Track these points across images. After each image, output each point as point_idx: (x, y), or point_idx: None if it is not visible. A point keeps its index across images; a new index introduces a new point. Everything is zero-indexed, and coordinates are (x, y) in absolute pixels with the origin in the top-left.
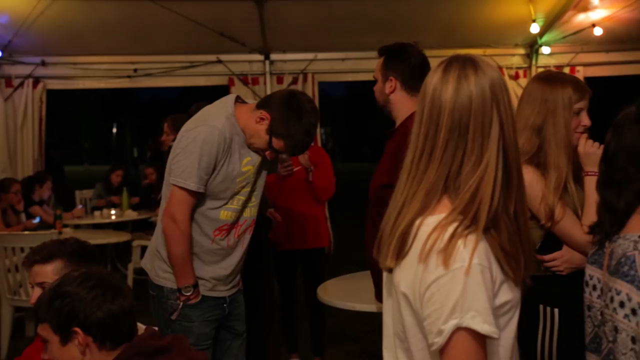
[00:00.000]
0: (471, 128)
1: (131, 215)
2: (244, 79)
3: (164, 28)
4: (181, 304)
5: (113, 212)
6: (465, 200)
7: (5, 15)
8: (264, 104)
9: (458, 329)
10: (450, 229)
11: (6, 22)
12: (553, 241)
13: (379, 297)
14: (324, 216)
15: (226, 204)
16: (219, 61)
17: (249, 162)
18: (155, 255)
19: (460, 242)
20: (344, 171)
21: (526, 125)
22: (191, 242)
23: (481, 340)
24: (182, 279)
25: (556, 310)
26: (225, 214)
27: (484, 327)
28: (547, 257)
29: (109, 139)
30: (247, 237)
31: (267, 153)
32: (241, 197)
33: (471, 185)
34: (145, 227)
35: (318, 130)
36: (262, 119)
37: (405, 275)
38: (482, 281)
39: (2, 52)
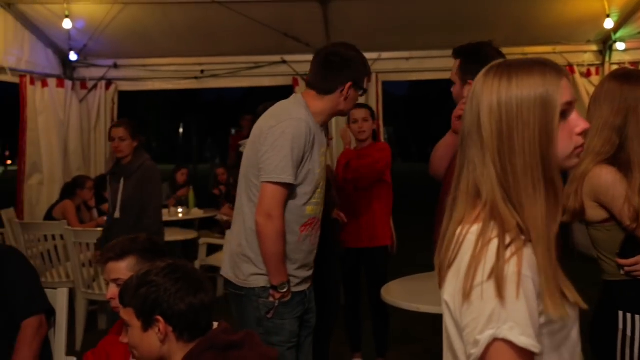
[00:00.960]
0: (504, 135)
1: (197, 213)
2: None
3: (230, 30)
4: (277, 302)
5: (180, 210)
6: (508, 209)
7: (81, 20)
8: (321, 83)
9: (495, 340)
10: (494, 239)
11: (82, 27)
12: (634, 244)
13: None
14: (387, 215)
15: (311, 198)
16: (284, 61)
17: (323, 152)
18: (241, 261)
19: (502, 251)
20: (407, 172)
21: (605, 125)
22: (284, 241)
23: (522, 354)
24: (277, 277)
25: (637, 317)
26: (311, 209)
27: (521, 339)
28: (628, 261)
29: (175, 138)
30: (318, 232)
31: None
32: (321, 191)
33: (512, 195)
34: (211, 225)
35: (381, 129)
36: (350, 87)
37: (449, 283)
38: (523, 291)
39: (78, 55)
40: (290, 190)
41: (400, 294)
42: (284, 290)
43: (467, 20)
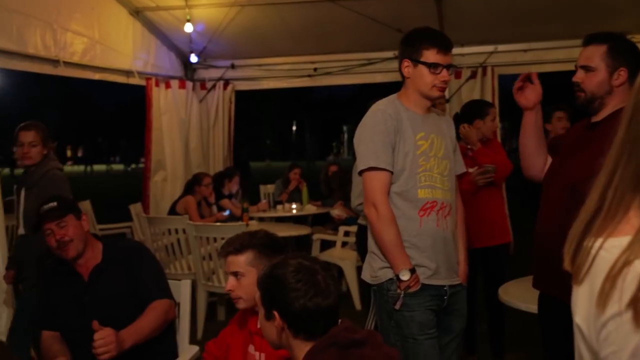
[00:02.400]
0: None
1: (311, 209)
2: None
3: (343, 27)
4: (402, 292)
5: (294, 206)
6: None
7: (201, 24)
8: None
9: None
10: (637, 259)
11: (202, 30)
12: None
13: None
14: (504, 213)
15: (420, 182)
16: (396, 57)
17: (422, 137)
18: (371, 258)
19: None
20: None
21: None
22: (397, 228)
23: None
24: (398, 264)
25: None
26: (424, 192)
27: None
28: None
29: (289, 136)
30: (451, 222)
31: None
32: (434, 175)
33: None
34: (324, 222)
35: (497, 124)
36: (406, 67)
37: (581, 305)
38: None
39: (198, 57)
40: (386, 175)
41: (519, 294)
42: (407, 278)
43: (590, 8)
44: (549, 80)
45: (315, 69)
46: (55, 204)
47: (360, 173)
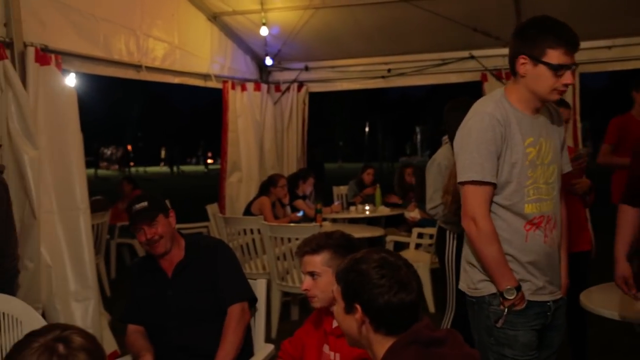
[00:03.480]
0: None
1: (384, 211)
2: (498, 74)
3: (417, 27)
4: (506, 310)
5: (367, 207)
6: None
7: (276, 27)
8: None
9: None
10: None
11: (276, 33)
12: None
13: None
14: (585, 218)
15: (528, 196)
16: (472, 57)
17: (531, 143)
18: (469, 267)
19: None
20: (600, 171)
21: None
22: (499, 244)
23: None
24: (502, 282)
25: None
26: (531, 207)
27: None
28: None
29: (361, 137)
30: (557, 236)
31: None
32: (541, 186)
33: None
34: (398, 223)
35: (578, 125)
36: (523, 64)
37: None
38: None
39: (273, 60)
40: (489, 187)
41: (602, 301)
42: (513, 296)
43: None
44: (632, 79)
45: (388, 70)
46: (146, 203)
47: (461, 183)
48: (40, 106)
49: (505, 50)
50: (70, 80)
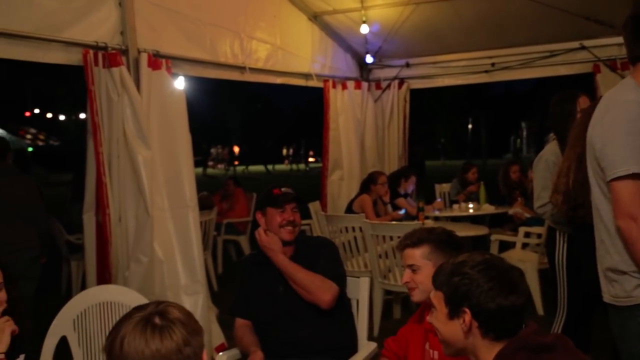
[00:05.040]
0: None
1: (488, 209)
2: (612, 65)
3: (522, 19)
4: None
5: (471, 205)
6: None
7: (376, 24)
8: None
9: None
10: None
11: (377, 30)
12: None
13: None
14: None
15: None
16: (583, 47)
17: None
18: (615, 276)
19: None
20: None
21: None
22: None
23: None
24: None
25: None
26: None
27: None
28: None
29: (464, 134)
30: None
31: None
32: None
33: None
34: (503, 222)
35: None
36: None
37: None
38: None
39: (374, 57)
40: None
41: None
42: None
43: None
44: None
45: (492, 64)
46: (290, 189)
47: (615, 179)
48: (152, 109)
49: (621, 39)
50: (180, 83)
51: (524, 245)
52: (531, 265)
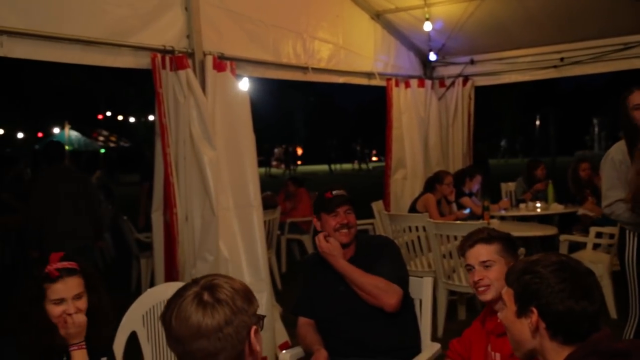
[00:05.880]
0: None
1: (557, 208)
2: None
3: (594, 10)
4: None
5: (538, 204)
6: None
7: (439, 21)
8: None
9: None
10: None
11: (440, 27)
12: None
13: None
14: None
15: None
16: None
17: None
18: None
19: None
20: None
21: None
22: None
23: None
24: None
25: None
26: None
27: None
28: None
29: (530, 131)
30: None
31: None
32: None
33: None
34: (573, 221)
35: None
36: None
37: None
38: None
39: (437, 55)
40: None
41: None
42: None
43: None
44: None
45: (561, 59)
46: (343, 191)
47: None
48: (217, 110)
49: None
50: (244, 84)
51: (596, 246)
52: (603, 266)
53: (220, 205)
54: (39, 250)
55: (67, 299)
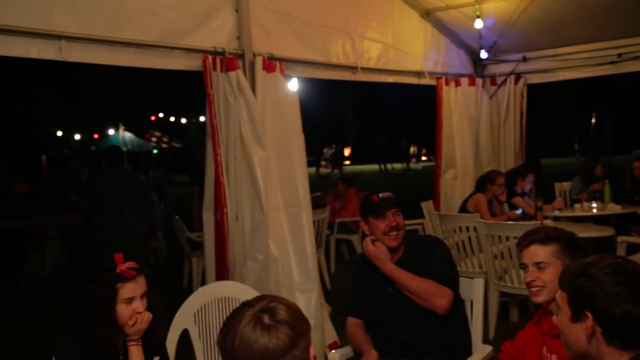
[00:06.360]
0: None
1: (614, 208)
2: None
3: None
4: None
5: (594, 205)
6: None
7: (490, 18)
8: None
9: None
10: None
11: (491, 25)
12: None
13: None
14: None
15: None
16: None
17: None
18: None
19: None
20: None
21: None
22: None
23: None
24: None
25: None
26: None
27: None
28: None
29: (586, 129)
30: None
31: None
32: None
33: None
34: (630, 223)
35: None
36: None
37: None
38: None
39: (488, 53)
40: None
41: None
42: None
43: None
44: None
45: (619, 55)
46: (390, 193)
47: None
48: (267, 110)
49: None
50: (293, 84)
51: None
52: None
53: (270, 204)
54: (100, 244)
55: (136, 298)
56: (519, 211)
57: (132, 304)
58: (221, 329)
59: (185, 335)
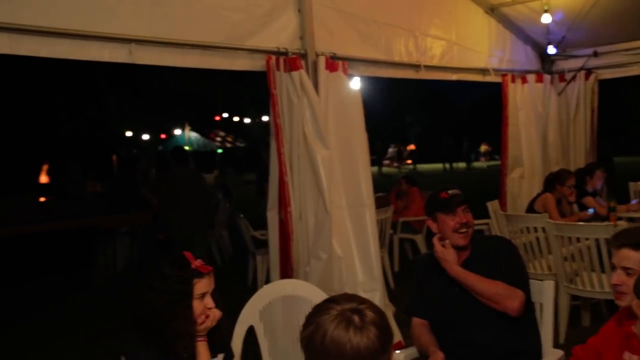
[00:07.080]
0: None
1: None
2: None
3: None
4: None
5: None
6: None
7: (559, 12)
8: None
9: None
10: None
11: (560, 19)
12: None
13: None
14: None
15: None
16: None
17: None
18: None
19: None
20: None
21: None
22: None
23: None
24: None
25: None
26: None
27: None
28: None
29: None
30: None
31: None
32: None
33: None
34: None
35: None
36: None
37: None
38: None
39: (556, 48)
40: None
41: None
42: None
43: None
44: None
45: None
46: (458, 190)
47: None
48: (329, 110)
49: None
50: (355, 83)
51: None
52: None
53: (334, 203)
54: (164, 233)
55: (208, 294)
56: (591, 211)
57: (204, 300)
58: (305, 324)
59: (250, 332)
